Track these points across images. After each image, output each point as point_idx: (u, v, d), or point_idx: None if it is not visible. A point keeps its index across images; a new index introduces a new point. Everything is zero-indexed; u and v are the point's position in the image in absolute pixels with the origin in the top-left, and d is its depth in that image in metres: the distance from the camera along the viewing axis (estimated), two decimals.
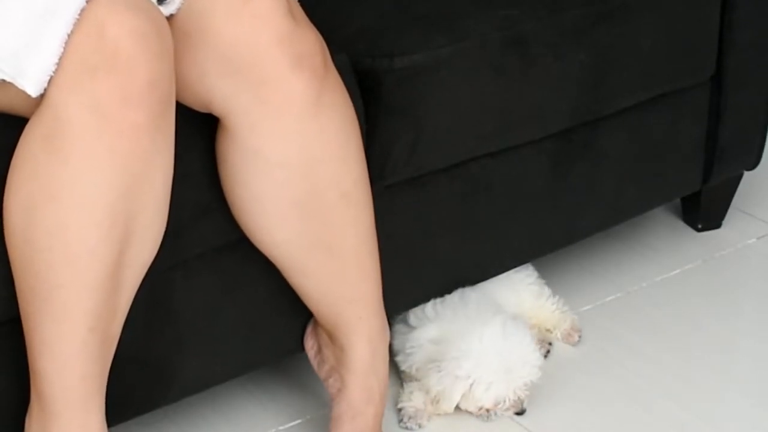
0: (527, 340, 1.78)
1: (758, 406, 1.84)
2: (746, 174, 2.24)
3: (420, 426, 1.79)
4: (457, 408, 1.79)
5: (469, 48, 1.72)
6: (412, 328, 1.83)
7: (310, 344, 1.72)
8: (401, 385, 1.83)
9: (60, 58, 1.34)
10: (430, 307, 1.84)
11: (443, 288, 1.84)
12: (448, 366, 1.75)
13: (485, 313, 1.80)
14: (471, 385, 1.75)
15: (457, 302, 1.84)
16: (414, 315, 1.84)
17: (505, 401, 1.77)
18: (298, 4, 1.53)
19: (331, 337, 1.67)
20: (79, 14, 1.34)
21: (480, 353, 1.74)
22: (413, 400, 1.79)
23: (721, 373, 1.91)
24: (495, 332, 1.76)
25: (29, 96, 1.36)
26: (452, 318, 1.81)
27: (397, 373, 1.84)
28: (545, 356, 1.91)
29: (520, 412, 1.79)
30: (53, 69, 1.34)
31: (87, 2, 1.35)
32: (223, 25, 1.47)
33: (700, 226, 2.25)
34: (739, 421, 1.81)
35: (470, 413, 1.80)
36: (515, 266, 1.93)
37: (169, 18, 1.46)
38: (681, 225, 2.27)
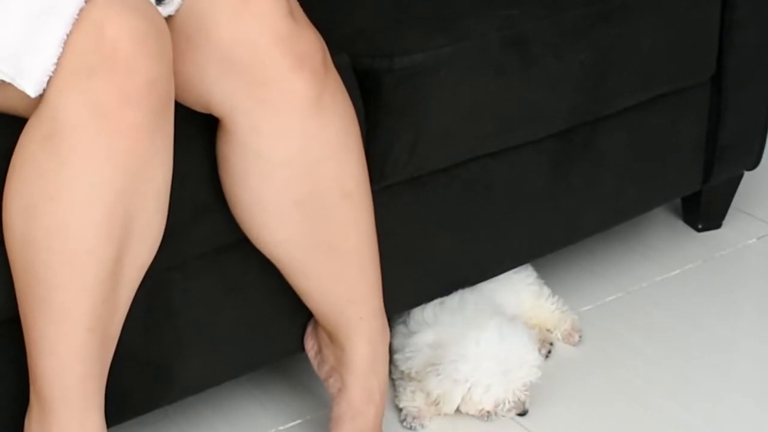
0: (524, 341, 1.78)
1: (759, 406, 1.83)
2: (746, 174, 2.24)
3: (423, 426, 1.79)
4: (459, 411, 1.78)
5: (469, 48, 1.72)
6: (411, 332, 1.83)
7: (310, 344, 1.72)
8: (400, 385, 1.82)
9: (59, 59, 1.34)
10: (429, 311, 1.84)
11: (443, 288, 1.84)
12: (446, 370, 1.75)
13: (482, 316, 1.80)
14: (470, 388, 1.75)
15: (456, 306, 1.84)
16: (413, 319, 1.84)
17: (505, 403, 1.77)
18: (298, 5, 1.53)
19: (332, 338, 1.67)
20: (78, 14, 1.34)
21: (477, 356, 1.74)
22: (416, 400, 1.79)
23: (722, 373, 1.91)
24: (492, 335, 1.76)
25: (28, 96, 1.36)
26: (450, 322, 1.81)
27: (395, 372, 1.84)
28: (546, 357, 1.91)
29: (522, 413, 1.79)
30: (52, 69, 1.34)
31: (86, 2, 1.34)
32: (223, 25, 1.47)
33: (700, 226, 2.25)
34: (740, 422, 1.80)
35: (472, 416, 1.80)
36: (515, 266, 1.93)
37: (169, 18, 1.46)
38: (681, 225, 2.27)
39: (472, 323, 1.79)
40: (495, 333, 1.77)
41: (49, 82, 1.35)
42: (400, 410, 1.81)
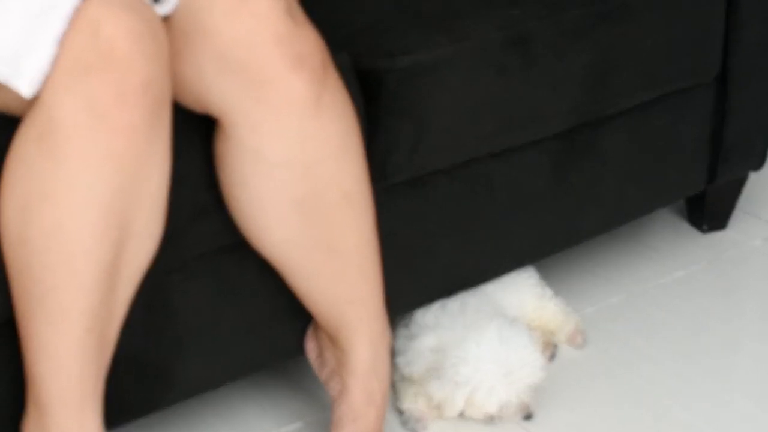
0: (525, 342, 1.77)
1: (762, 408, 1.83)
2: (751, 175, 2.24)
3: (425, 428, 1.78)
4: (464, 416, 1.78)
5: (470, 48, 1.71)
6: (413, 335, 1.83)
7: (310, 346, 1.71)
8: (401, 387, 1.82)
9: (54, 58, 1.33)
10: (430, 315, 1.83)
11: (443, 289, 1.84)
12: (447, 373, 1.75)
13: (483, 319, 1.80)
14: (471, 391, 1.74)
15: (457, 309, 1.83)
16: (414, 322, 1.84)
17: (509, 405, 1.76)
18: (297, 4, 1.53)
19: (332, 340, 1.66)
20: (74, 13, 1.34)
21: (478, 358, 1.74)
22: (418, 402, 1.79)
23: (726, 375, 1.90)
24: (492, 337, 1.76)
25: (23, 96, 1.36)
26: (451, 325, 1.80)
27: (396, 375, 1.83)
28: (551, 359, 1.90)
29: (528, 417, 1.78)
30: (47, 69, 1.34)
31: (82, 2, 1.34)
32: (222, 24, 1.46)
33: (705, 228, 2.25)
34: (745, 423, 1.80)
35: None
36: (516, 268, 1.92)
37: (166, 18, 1.46)
38: (685, 226, 2.27)
39: (472, 326, 1.78)
40: (495, 335, 1.76)
41: (44, 81, 1.34)
42: (401, 413, 1.80)
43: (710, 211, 2.23)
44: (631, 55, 1.88)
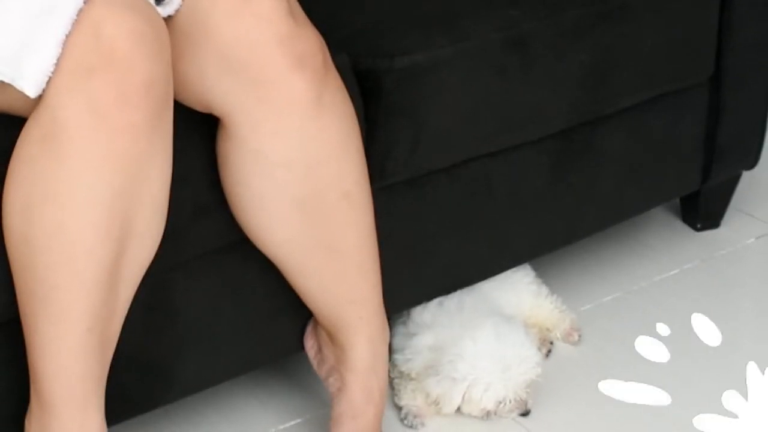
0: (522, 339, 1.78)
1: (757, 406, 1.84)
2: (745, 174, 2.24)
3: (423, 424, 1.79)
4: (461, 412, 1.79)
5: (469, 48, 1.72)
6: (411, 333, 1.83)
7: (310, 344, 1.72)
8: (399, 384, 1.82)
9: (57, 59, 1.34)
10: (427, 314, 1.84)
11: (443, 288, 1.84)
12: (444, 370, 1.75)
13: (480, 317, 1.80)
14: (469, 387, 1.75)
15: (454, 307, 1.84)
16: (412, 321, 1.84)
17: (506, 402, 1.77)
18: (298, 5, 1.53)
19: (332, 337, 1.67)
20: (77, 14, 1.34)
21: (474, 355, 1.74)
22: (416, 398, 1.79)
23: (720, 373, 1.90)
24: (488, 334, 1.76)
25: (28, 96, 1.36)
26: (448, 324, 1.81)
27: (394, 371, 1.84)
28: (547, 356, 1.91)
29: (525, 414, 1.79)
30: (51, 69, 1.34)
31: (84, 2, 1.34)
32: (224, 24, 1.47)
33: (699, 226, 2.25)
34: (738, 421, 1.80)
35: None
36: (515, 266, 1.93)
37: (169, 18, 1.46)
38: (680, 225, 2.27)
39: (469, 324, 1.79)
40: (491, 332, 1.77)
41: (47, 82, 1.35)
42: (399, 409, 1.81)
43: (704, 209, 2.23)
44: (630, 55, 1.88)
